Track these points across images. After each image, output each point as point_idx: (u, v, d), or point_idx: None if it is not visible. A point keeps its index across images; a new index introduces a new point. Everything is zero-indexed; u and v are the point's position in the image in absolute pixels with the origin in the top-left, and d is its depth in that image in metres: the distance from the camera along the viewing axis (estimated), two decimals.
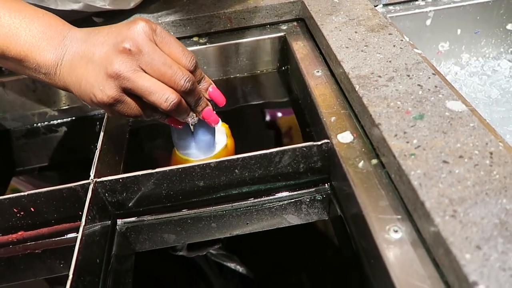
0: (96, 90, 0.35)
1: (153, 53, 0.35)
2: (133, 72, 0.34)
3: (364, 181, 0.33)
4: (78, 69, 0.36)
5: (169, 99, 0.35)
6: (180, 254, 0.42)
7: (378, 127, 0.33)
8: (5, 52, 0.37)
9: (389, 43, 0.43)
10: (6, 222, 0.39)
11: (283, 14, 0.56)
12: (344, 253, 0.38)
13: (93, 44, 0.36)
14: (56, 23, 0.38)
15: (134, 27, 0.35)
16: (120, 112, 0.36)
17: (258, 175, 0.39)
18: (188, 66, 0.36)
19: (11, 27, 0.36)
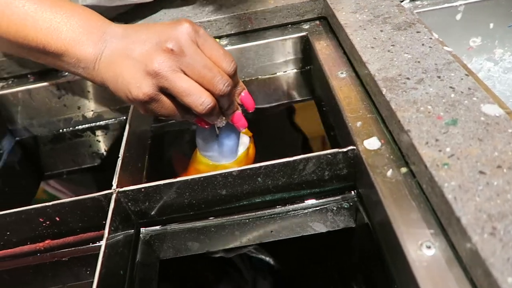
0: (132, 86, 0.35)
1: (195, 55, 0.35)
2: (172, 72, 0.34)
3: (393, 191, 0.31)
4: (116, 65, 0.36)
5: (205, 103, 0.35)
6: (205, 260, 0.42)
7: (408, 134, 0.31)
8: (46, 46, 0.37)
9: (418, 42, 0.41)
10: (33, 231, 0.39)
11: (304, 13, 0.55)
12: (371, 266, 0.37)
13: (133, 41, 0.36)
14: (96, 19, 0.39)
15: (178, 28, 0.35)
16: (153, 111, 0.36)
17: (282, 183, 0.38)
18: (228, 71, 0.36)
19: (52, 22, 0.37)
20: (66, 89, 0.55)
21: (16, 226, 0.38)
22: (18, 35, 0.38)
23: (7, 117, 0.56)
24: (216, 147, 0.43)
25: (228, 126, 0.41)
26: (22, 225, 0.38)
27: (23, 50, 0.40)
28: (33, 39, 0.37)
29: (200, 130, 0.42)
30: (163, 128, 0.56)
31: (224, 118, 0.39)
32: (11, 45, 0.39)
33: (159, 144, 0.53)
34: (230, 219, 0.41)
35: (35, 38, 0.37)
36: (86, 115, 0.58)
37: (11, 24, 0.37)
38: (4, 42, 0.39)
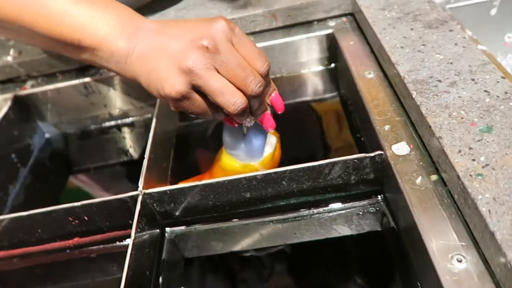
0: (165, 83, 0.34)
1: (229, 53, 0.34)
2: (206, 70, 0.34)
3: (422, 200, 0.31)
4: (149, 60, 0.36)
5: (237, 103, 0.34)
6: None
7: (439, 140, 0.30)
8: (81, 41, 0.38)
9: (450, 41, 0.40)
10: (63, 229, 0.40)
11: (331, 9, 0.53)
12: (396, 273, 0.36)
13: (168, 36, 0.36)
14: (130, 14, 0.39)
15: (214, 25, 0.34)
16: (184, 108, 0.36)
17: (307, 186, 0.38)
18: (261, 71, 0.36)
19: (87, 17, 0.37)
20: (93, 87, 0.56)
21: (47, 224, 0.40)
22: (54, 30, 0.38)
23: (37, 114, 0.58)
24: (243, 146, 0.42)
25: (256, 126, 0.40)
26: (52, 224, 0.39)
27: (58, 45, 0.40)
28: (69, 34, 0.38)
29: (227, 129, 0.42)
30: (188, 127, 0.56)
31: (253, 118, 0.39)
32: (47, 40, 0.40)
33: (184, 142, 0.54)
34: (254, 221, 0.41)
35: (71, 33, 0.38)
36: (112, 112, 0.59)
37: (48, 20, 0.38)
38: (40, 38, 0.40)
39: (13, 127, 0.54)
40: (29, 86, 0.56)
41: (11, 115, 0.54)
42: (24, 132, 0.56)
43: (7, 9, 0.37)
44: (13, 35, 0.41)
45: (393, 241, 0.37)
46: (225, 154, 0.44)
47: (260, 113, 0.38)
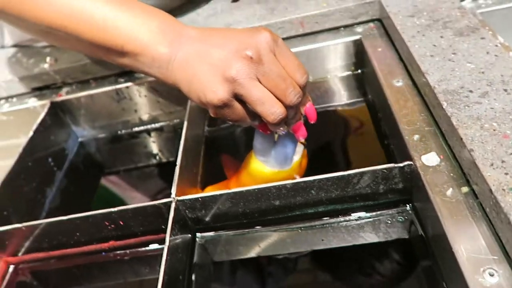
0: (208, 90, 0.35)
1: (272, 64, 0.35)
2: (249, 79, 0.34)
3: (453, 212, 0.31)
4: (191, 67, 0.37)
5: (277, 113, 0.35)
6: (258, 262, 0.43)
7: (470, 153, 0.30)
8: (124, 46, 0.39)
9: (482, 50, 0.39)
10: (99, 233, 0.42)
11: (358, 15, 0.54)
12: (425, 282, 0.36)
13: (211, 45, 0.36)
14: (172, 21, 0.40)
15: (258, 36, 0.35)
16: (223, 115, 0.37)
17: (335, 195, 0.38)
18: (300, 82, 0.36)
19: (131, 22, 0.39)
20: (125, 93, 0.58)
21: (84, 228, 0.41)
22: (99, 36, 0.39)
23: (71, 120, 0.60)
24: (273, 153, 0.43)
25: (288, 134, 0.41)
26: (90, 228, 0.41)
27: (101, 50, 0.41)
28: (112, 39, 0.39)
29: (259, 135, 0.43)
30: (216, 132, 0.57)
31: (286, 127, 0.40)
32: (90, 46, 0.41)
33: (213, 147, 0.55)
34: (282, 228, 0.42)
35: (114, 38, 0.39)
36: (142, 118, 0.61)
37: (93, 27, 0.39)
38: (84, 44, 0.41)
39: (49, 132, 0.57)
40: (65, 92, 0.59)
41: (48, 121, 0.56)
42: (59, 136, 0.59)
43: (55, 17, 0.39)
44: (59, 41, 0.43)
45: (421, 250, 0.37)
46: (254, 160, 0.45)
47: (294, 122, 0.39)
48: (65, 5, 0.39)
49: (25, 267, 0.47)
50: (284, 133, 0.40)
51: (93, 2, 0.39)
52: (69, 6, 0.39)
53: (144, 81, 0.56)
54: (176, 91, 0.57)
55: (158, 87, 0.57)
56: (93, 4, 0.39)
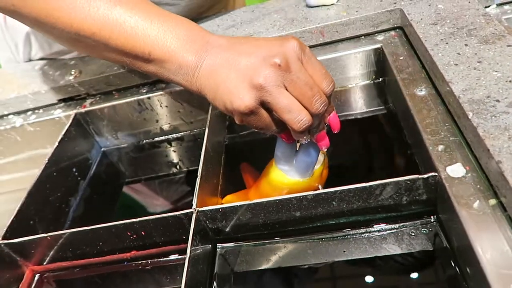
0: (234, 97, 0.35)
1: (299, 72, 0.35)
2: (276, 87, 0.35)
3: (481, 225, 0.30)
4: (218, 74, 0.37)
5: (303, 122, 0.35)
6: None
7: (498, 165, 0.29)
8: (152, 53, 0.40)
9: (508, 58, 0.38)
10: (122, 243, 0.43)
11: (379, 23, 0.53)
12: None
13: (239, 53, 0.37)
14: (199, 29, 0.41)
15: (286, 44, 0.36)
16: (249, 122, 0.37)
17: (357, 206, 0.38)
18: (326, 91, 0.37)
19: (159, 30, 0.39)
20: (146, 104, 0.59)
21: (107, 238, 0.42)
22: (127, 43, 0.40)
23: (95, 130, 0.62)
24: (294, 162, 0.43)
25: (310, 143, 0.41)
26: (112, 237, 0.42)
27: (128, 58, 0.42)
28: (141, 46, 0.40)
29: (281, 143, 0.43)
30: (235, 141, 0.57)
31: (309, 136, 0.40)
32: (118, 53, 0.42)
33: (233, 157, 0.55)
34: (303, 239, 0.41)
35: (142, 45, 0.40)
36: (163, 127, 0.62)
37: (122, 34, 0.40)
38: (112, 51, 0.42)
39: (73, 143, 0.58)
40: (89, 104, 0.60)
41: (72, 132, 0.58)
42: (83, 147, 0.60)
43: (84, 24, 0.40)
44: (87, 49, 0.44)
45: (446, 263, 0.36)
46: (275, 169, 0.44)
47: (317, 131, 0.39)
48: (93, 13, 0.39)
49: (50, 275, 0.48)
50: (306, 142, 0.40)
51: (121, 10, 0.40)
52: (98, 13, 0.39)
53: (165, 92, 0.57)
54: (196, 101, 0.59)
55: (179, 98, 0.58)
56: (122, 11, 0.40)
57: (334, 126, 0.40)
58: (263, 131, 0.39)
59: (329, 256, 0.41)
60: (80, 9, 0.39)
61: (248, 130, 0.58)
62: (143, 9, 0.40)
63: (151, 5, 0.41)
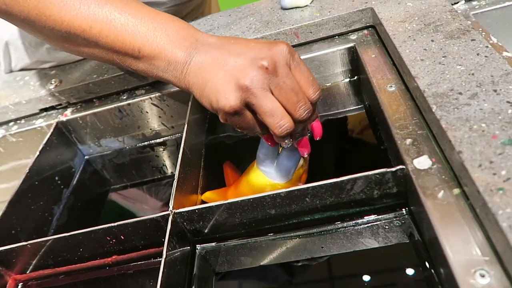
0: (220, 96, 0.36)
1: (286, 77, 0.36)
2: (262, 90, 0.35)
3: (445, 214, 0.30)
4: (206, 72, 0.37)
5: (285, 127, 0.36)
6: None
7: (459, 155, 0.30)
8: (141, 49, 0.40)
9: (472, 52, 0.39)
10: (102, 248, 0.43)
11: (352, 23, 0.54)
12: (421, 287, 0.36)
13: (228, 52, 0.37)
14: (189, 27, 0.41)
15: (275, 48, 0.36)
16: (233, 122, 0.38)
17: (330, 202, 0.38)
18: (312, 98, 0.37)
19: (149, 27, 0.40)
20: (127, 110, 0.59)
21: (87, 244, 0.42)
22: (117, 40, 0.40)
23: (77, 138, 0.62)
24: (275, 165, 0.44)
25: (291, 148, 0.42)
26: (92, 243, 0.42)
27: (118, 55, 0.42)
28: (131, 43, 0.40)
29: (263, 145, 0.44)
30: (215, 144, 0.58)
31: (291, 140, 0.40)
32: (108, 51, 0.42)
33: (212, 159, 0.56)
34: (280, 236, 0.42)
35: (133, 41, 0.40)
36: (145, 133, 0.62)
37: (112, 31, 0.40)
38: (102, 49, 0.42)
39: (56, 152, 0.58)
40: (70, 112, 0.61)
41: (54, 141, 0.58)
42: (65, 155, 0.61)
43: (76, 22, 0.40)
44: (77, 47, 0.44)
45: (418, 254, 0.36)
46: (256, 169, 0.45)
47: (300, 137, 0.40)
48: (84, 10, 0.40)
49: (33, 284, 0.48)
50: (288, 146, 0.41)
51: (112, 8, 0.40)
52: (88, 11, 0.40)
53: (145, 98, 0.58)
54: (176, 106, 0.59)
55: (159, 103, 0.59)
56: (112, 9, 0.40)
57: (317, 133, 0.41)
58: (246, 132, 0.40)
59: (308, 253, 0.41)
60: (70, 6, 0.40)
61: (229, 133, 0.59)
62: (133, 7, 0.41)
63: (141, 4, 0.42)
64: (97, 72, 0.59)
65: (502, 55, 0.43)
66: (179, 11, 0.66)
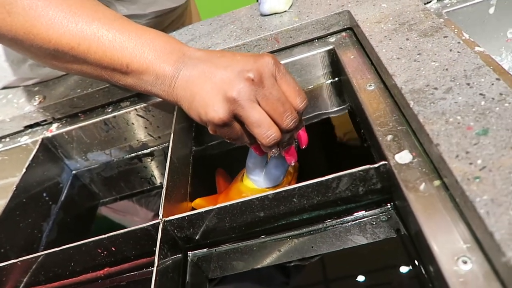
0: (209, 108, 0.37)
1: (272, 88, 0.37)
2: (249, 101, 0.36)
3: (426, 206, 0.31)
4: (194, 85, 0.38)
5: (272, 137, 0.37)
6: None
7: (437, 147, 0.31)
8: (130, 64, 0.41)
9: (445, 48, 0.41)
10: (93, 261, 0.43)
11: (330, 26, 0.55)
12: (409, 279, 0.36)
13: (215, 66, 0.38)
14: (176, 41, 0.42)
15: (261, 60, 0.37)
16: (222, 133, 0.39)
17: (317, 201, 0.39)
18: (299, 107, 0.38)
19: (137, 43, 0.41)
20: (112, 123, 0.59)
21: (78, 257, 0.42)
22: (105, 56, 0.41)
23: (63, 153, 0.62)
24: (263, 173, 0.45)
25: (279, 157, 0.43)
26: (83, 256, 0.42)
27: (107, 71, 0.43)
28: (119, 58, 0.41)
29: (252, 154, 0.45)
30: (203, 151, 0.59)
31: (278, 149, 0.41)
32: (96, 68, 0.43)
33: (201, 167, 0.56)
34: (271, 238, 0.43)
35: (121, 57, 0.41)
36: (132, 145, 0.62)
37: (100, 47, 0.41)
38: (90, 65, 0.43)
39: (42, 168, 0.58)
40: (55, 128, 0.61)
41: (40, 157, 0.58)
42: (52, 171, 0.60)
43: (64, 40, 0.41)
44: (65, 64, 0.44)
45: (405, 247, 0.37)
46: (245, 177, 0.46)
47: (286, 146, 0.41)
48: (72, 28, 0.40)
49: None
50: (276, 155, 0.42)
51: (99, 25, 0.41)
52: (76, 28, 0.40)
53: (130, 110, 0.58)
54: (162, 116, 0.60)
55: (144, 114, 0.59)
56: (100, 26, 0.41)
57: (303, 142, 0.42)
58: (235, 142, 0.40)
59: (299, 253, 0.42)
60: (58, 25, 0.40)
61: (216, 140, 0.59)
62: (121, 24, 0.41)
63: (128, 21, 0.43)
64: (81, 86, 0.60)
65: (474, 50, 0.45)
66: (160, 23, 0.67)
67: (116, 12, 0.43)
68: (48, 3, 0.40)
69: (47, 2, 0.40)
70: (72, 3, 0.41)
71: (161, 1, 0.61)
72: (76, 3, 0.41)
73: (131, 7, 0.59)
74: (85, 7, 0.41)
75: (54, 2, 0.40)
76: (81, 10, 0.41)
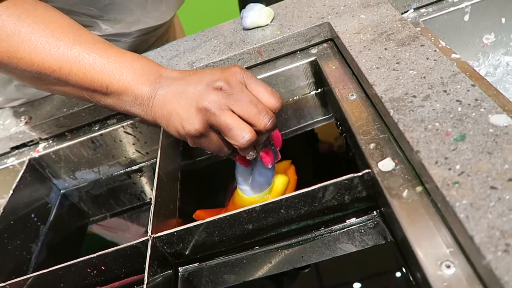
0: (185, 122, 0.39)
1: (241, 92, 0.38)
2: (219, 109, 0.37)
3: (410, 212, 0.32)
4: (170, 103, 0.40)
5: (245, 137, 0.37)
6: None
7: (417, 154, 0.32)
8: (109, 86, 0.42)
9: (422, 56, 0.42)
10: (83, 281, 0.43)
11: (311, 38, 0.56)
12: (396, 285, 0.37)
13: (188, 82, 0.40)
14: (153, 64, 0.44)
15: (228, 71, 0.39)
16: (201, 145, 0.40)
17: (304, 211, 0.39)
18: (275, 106, 0.39)
19: (116, 65, 0.42)
20: (100, 141, 0.59)
21: (68, 278, 0.42)
22: (86, 78, 0.42)
23: (51, 173, 0.62)
24: (249, 182, 0.46)
25: (262, 164, 0.44)
26: (73, 277, 0.42)
27: (87, 92, 0.44)
28: (99, 80, 0.42)
29: (238, 166, 0.46)
30: (191, 165, 0.59)
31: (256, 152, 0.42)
32: (77, 89, 0.44)
33: (189, 182, 0.56)
34: (260, 250, 0.43)
35: (101, 79, 0.42)
36: (120, 161, 0.62)
37: (81, 70, 0.42)
38: (72, 87, 0.44)
39: (30, 189, 0.58)
40: (42, 148, 0.60)
41: (27, 178, 0.57)
42: (40, 191, 0.60)
43: (47, 64, 0.42)
44: (48, 85, 0.45)
45: (392, 253, 0.38)
46: (237, 189, 0.47)
47: (263, 147, 0.42)
48: (54, 52, 0.42)
49: None
50: (253, 157, 0.42)
51: (80, 49, 0.42)
52: (58, 52, 0.42)
53: (117, 127, 0.58)
54: (148, 133, 0.60)
55: (131, 131, 0.59)
56: (81, 50, 0.42)
57: (278, 142, 0.44)
58: (216, 153, 0.42)
59: (289, 264, 0.42)
60: (41, 49, 0.42)
61: (205, 155, 0.60)
62: (101, 47, 0.43)
63: (109, 44, 0.44)
64: (67, 106, 0.60)
65: (450, 57, 0.46)
66: (145, 41, 0.68)
67: (97, 36, 0.45)
68: (31, 29, 0.41)
69: (30, 28, 0.41)
70: (55, 27, 0.42)
71: (145, 19, 0.62)
72: (59, 28, 0.42)
73: (116, 26, 0.60)
74: (67, 32, 0.43)
75: (37, 27, 0.42)
76: (63, 34, 0.42)
